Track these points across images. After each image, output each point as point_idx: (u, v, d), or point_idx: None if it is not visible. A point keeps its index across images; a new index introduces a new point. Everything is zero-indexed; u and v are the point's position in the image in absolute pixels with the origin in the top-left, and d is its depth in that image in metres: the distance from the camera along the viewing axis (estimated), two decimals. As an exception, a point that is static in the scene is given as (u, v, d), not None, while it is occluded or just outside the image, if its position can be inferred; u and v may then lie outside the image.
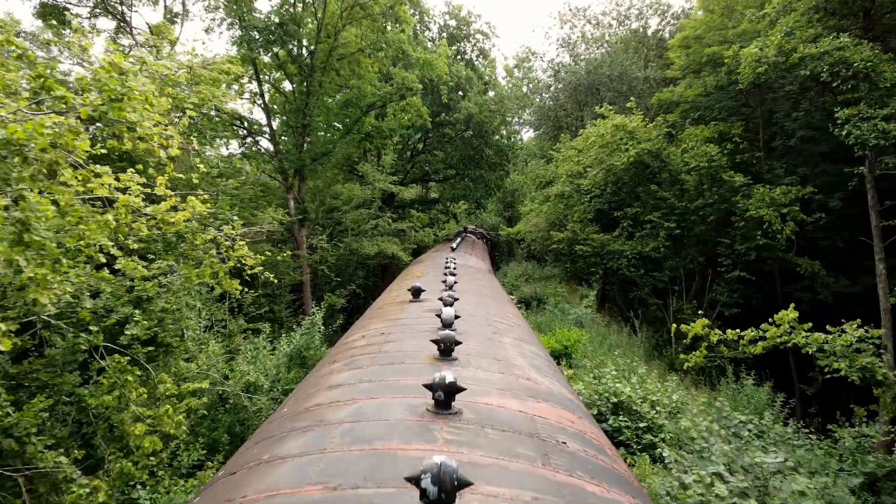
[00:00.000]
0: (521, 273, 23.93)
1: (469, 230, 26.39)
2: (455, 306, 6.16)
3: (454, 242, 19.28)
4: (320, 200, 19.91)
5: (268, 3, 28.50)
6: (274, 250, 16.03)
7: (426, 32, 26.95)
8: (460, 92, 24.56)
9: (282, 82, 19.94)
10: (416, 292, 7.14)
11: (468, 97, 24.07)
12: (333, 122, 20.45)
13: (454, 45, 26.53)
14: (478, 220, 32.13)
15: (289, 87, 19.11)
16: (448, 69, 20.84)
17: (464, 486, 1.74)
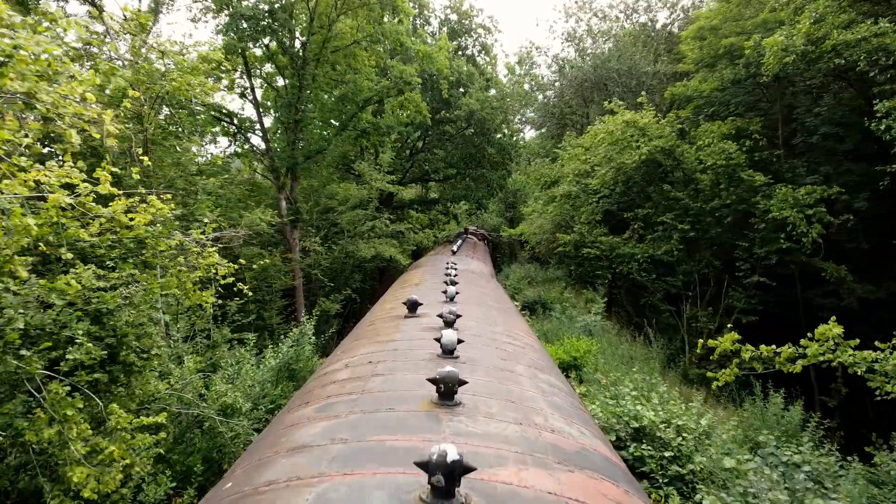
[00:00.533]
0: (524, 276, 23.02)
1: (470, 231, 25.63)
2: (457, 323, 5.30)
3: (455, 245, 18.56)
4: (314, 200, 19.04)
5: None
6: (264, 253, 15.14)
7: (426, 27, 26.09)
8: (461, 88, 23.68)
9: (274, 77, 19.06)
10: (413, 306, 6.28)
11: (469, 93, 23.16)
12: (328, 119, 19.55)
13: (455, 40, 25.65)
14: (479, 221, 31.33)
15: (281, 83, 18.23)
16: (448, 63, 19.95)
17: None
